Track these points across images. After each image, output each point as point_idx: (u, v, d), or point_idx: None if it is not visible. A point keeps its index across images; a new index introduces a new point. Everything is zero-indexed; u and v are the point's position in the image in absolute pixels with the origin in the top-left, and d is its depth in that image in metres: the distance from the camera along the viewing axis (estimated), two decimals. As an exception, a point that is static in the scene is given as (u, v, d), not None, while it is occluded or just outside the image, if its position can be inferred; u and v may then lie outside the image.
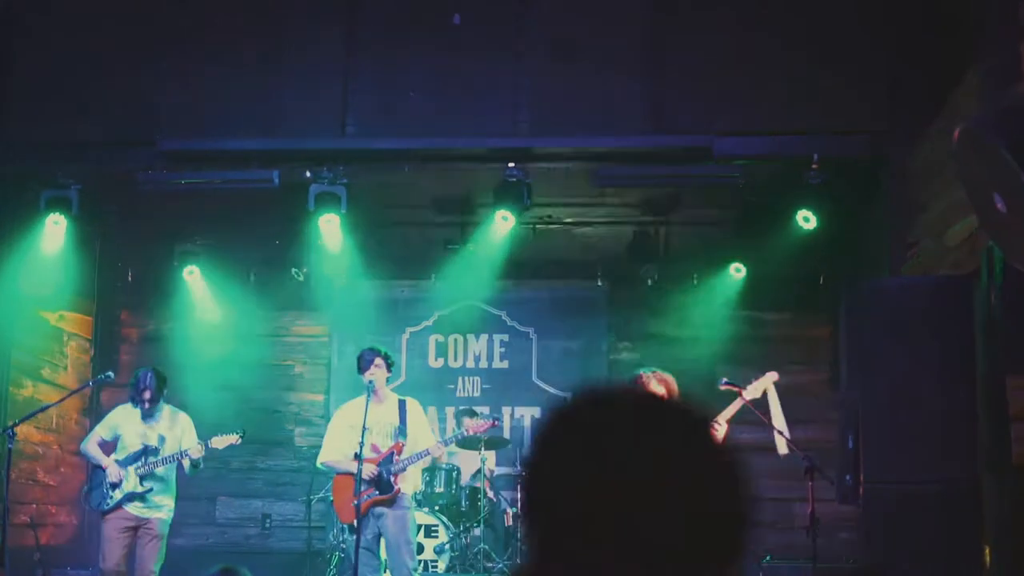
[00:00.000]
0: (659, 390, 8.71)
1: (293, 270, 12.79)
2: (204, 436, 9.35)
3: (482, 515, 10.95)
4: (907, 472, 6.69)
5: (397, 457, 8.58)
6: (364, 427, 8.41)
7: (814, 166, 10.07)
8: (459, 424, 11.83)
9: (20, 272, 10.76)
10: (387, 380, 8.89)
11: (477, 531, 11.02)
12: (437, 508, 10.83)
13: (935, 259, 8.92)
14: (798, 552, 11.44)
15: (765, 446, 12.25)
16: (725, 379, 8.82)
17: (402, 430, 8.69)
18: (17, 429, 10.92)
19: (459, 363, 13.09)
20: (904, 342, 6.61)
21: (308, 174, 10.51)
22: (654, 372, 8.87)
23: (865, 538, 6.88)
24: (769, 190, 10.63)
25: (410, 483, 8.77)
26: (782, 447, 8.89)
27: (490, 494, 11.30)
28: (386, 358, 8.82)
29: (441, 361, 13.10)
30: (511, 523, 11.25)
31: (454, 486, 11.03)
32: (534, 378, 12.99)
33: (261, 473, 13.24)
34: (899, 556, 6.85)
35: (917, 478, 6.64)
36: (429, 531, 10.58)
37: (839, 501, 7.68)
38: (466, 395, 12.88)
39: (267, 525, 13.00)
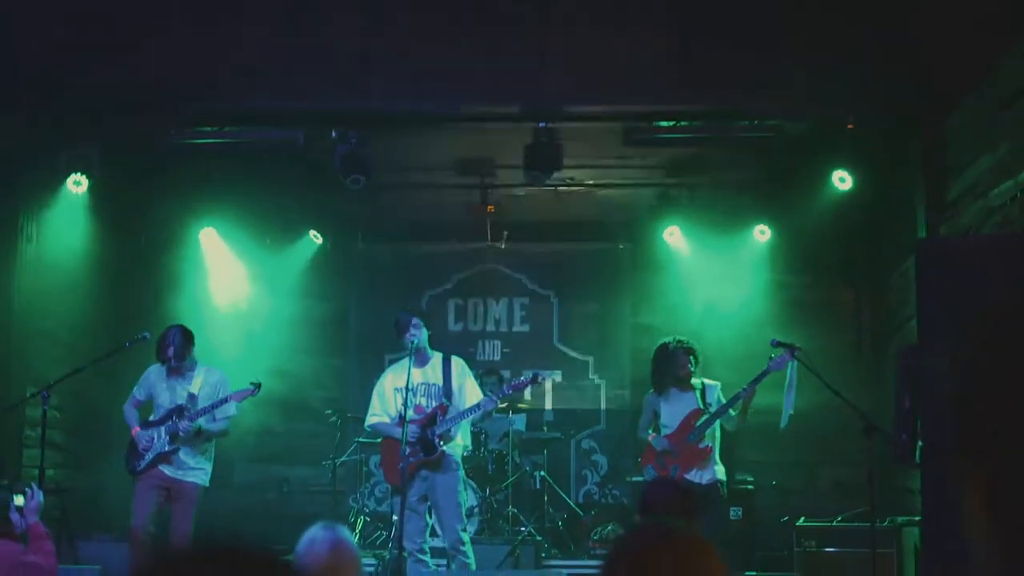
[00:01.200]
0: (688, 365, 8.67)
1: (311, 233, 12.64)
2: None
3: (510, 479, 10.86)
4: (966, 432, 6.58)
5: (441, 418, 8.44)
6: (408, 389, 8.27)
7: (849, 126, 9.96)
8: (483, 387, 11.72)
9: (40, 234, 10.58)
10: (427, 339, 8.72)
11: (504, 494, 10.93)
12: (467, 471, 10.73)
13: (978, 219, 8.82)
14: (823, 515, 11.41)
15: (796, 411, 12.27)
16: (776, 339, 8.72)
17: (446, 390, 8.55)
18: (33, 392, 10.86)
19: (479, 327, 12.97)
20: (974, 301, 6.49)
21: (334, 134, 10.35)
22: (685, 344, 8.81)
23: (924, 500, 6.78)
24: (801, 151, 10.51)
25: (457, 443, 8.64)
26: (784, 419, 8.86)
27: (516, 458, 11.19)
28: (422, 316, 8.69)
29: (461, 325, 12.98)
30: (538, 486, 11.16)
31: (481, 450, 10.92)
32: (555, 342, 12.88)
33: (279, 437, 13.11)
34: (954, 517, 6.76)
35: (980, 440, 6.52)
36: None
37: (893, 461, 7.59)
38: (486, 359, 12.74)
39: (285, 489, 12.88)
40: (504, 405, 10.61)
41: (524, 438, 11.70)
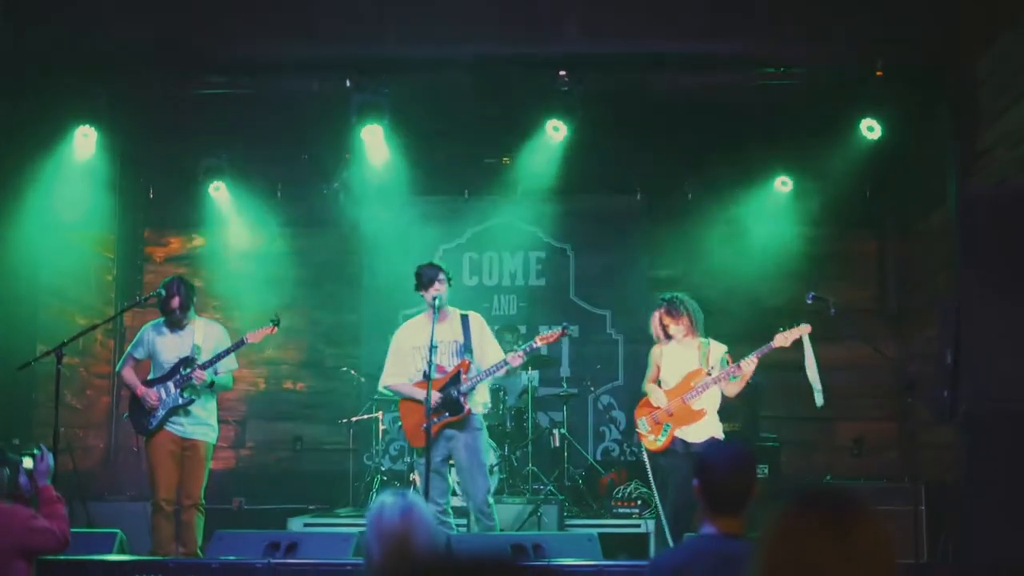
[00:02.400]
0: (671, 324, 8.40)
1: (323, 186, 12.38)
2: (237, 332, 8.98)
3: (529, 436, 10.66)
4: (1013, 389, 6.39)
5: (464, 376, 8.19)
6: (432, 346, 8.02)
7: (878, 73, 9.70)
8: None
9: (47, 186, 10.33)
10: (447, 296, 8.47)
11: (522, 452, 10.74)
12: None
13: (1013, 168, 8.57)
14: (841, 471, 11.25)
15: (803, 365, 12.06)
16: (813, 293, 8.48)
17: (467, 347, 8.30)
18: (41, 350, 10.64)
19: (494, 281, 12.73)
20: (1019, 253, 6.28)
21: (348, 83, 10.10)
22: (666, 302, 8.51)
23: (964, 457, 6.57)
24: (827, 99, 10.25)
25: (479, 401, 8.40)
26: (819, 398, 8.63)
27: (535, 415, 10.99)
28: (447, 273, 8.43)
29: (476, 279, 12.73)
30: (558, 444, 10.96)
31: (500, 407, 10.72)
32: (572, 296, 12.65)
33: (291, 395, 12.92)
34: (998, 476, 6.57)
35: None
36: (482, 454, 10.29)
37: (935, 418, 7.38)
38: (502, 314, 12.51)
39: (298, 448, 12.70)
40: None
41: (542, 395, 11.49)
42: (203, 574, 6.49)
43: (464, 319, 8.44)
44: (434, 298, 8.20)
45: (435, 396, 8.05)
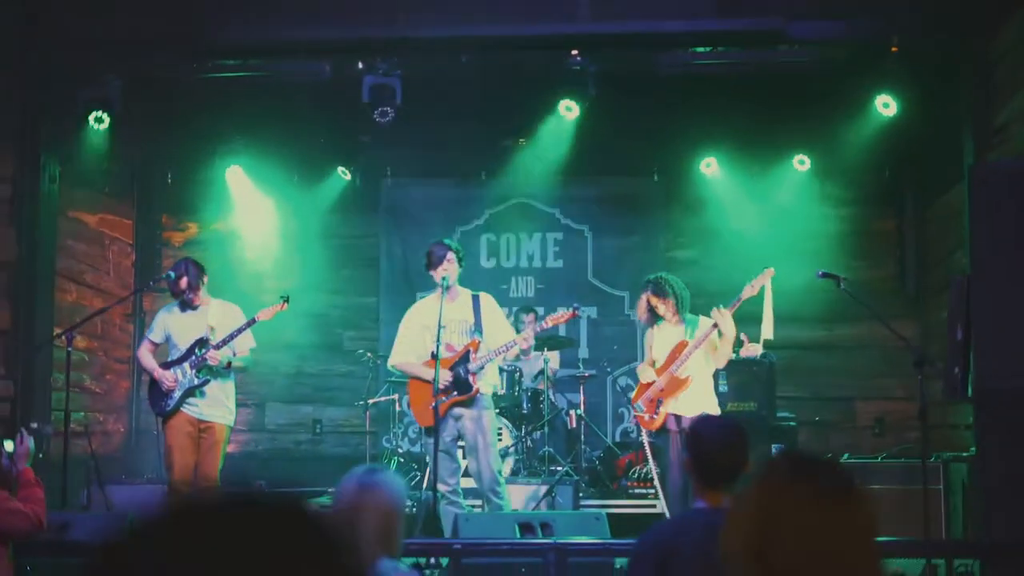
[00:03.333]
0: (659, 305, 8.34)
1: (339, 169, 12.39)
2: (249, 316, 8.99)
3: (545, 417, 10.64)
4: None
5: (474, 355, 8.17)
6: (440, 326, 8.01)
7: (893, 49, 9.60)
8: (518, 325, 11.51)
9: (62, 173, 10.37)
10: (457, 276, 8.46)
11: (540, 433, 10.72)
12: (499, 411, 10.52)
13: (1029, 144, 8.48)
14: (861, 450, 11.17)
15: (823, 344, 12.03)
16: (822, 270, 8.42)
17: (477, 327, 8.29)
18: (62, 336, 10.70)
19: (512, 263, 12.71)
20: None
21: (360, 65, 10.08)
22: (652, 283, 8.45)
23: (978, 436, 6.52)
24: (842, 77, 10.16)
25: (488, 382, 8.39)
26: (758, 348, 8.60)
27: (551, 396, 10.97)
28: (457, 253, 8.41)
29: (493, 261, 12.72)
30: (575, 425, 10.94)
31: (516, 388, 10.71)
32: (590, 277, 12.62)
33: (310, 378, 12.95)
34: (1010, 453, 6.52)
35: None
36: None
37: (946, 396, 7.32)
38: (519, 296, 12.50)
39: (318, 431, 12.74)
40: (535, 342, 10.46)
41: (559, 376, 11.47)
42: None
43: (475, 299, 8.43)
44: (442, 278, 8.19)
45: (444, 375, 8.05)
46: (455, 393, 8.12)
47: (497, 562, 6.65)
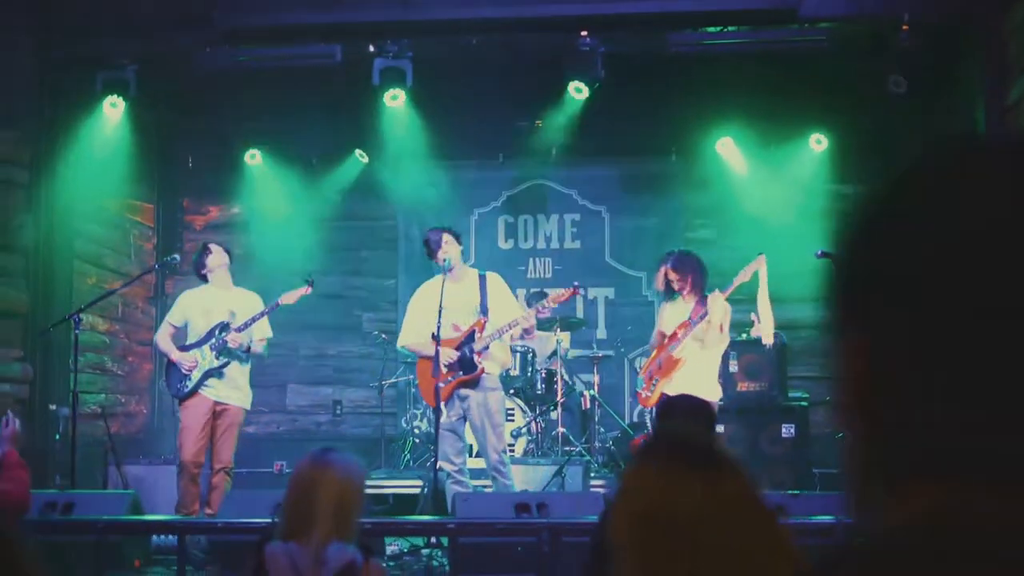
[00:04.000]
0: (676, 280, 8.30)
1: (357, 152, 12.44)
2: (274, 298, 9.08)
3: (557, 398, 10.66)
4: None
5: (479, 335, 8.20)
6: (440, 308, 8.05)
7: (904, 27, 9.53)
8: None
9: (79, 158, 10.48)
10: (461, 256, 8.50)
11: (554, 414, 10.74)
12: (513, 392, 10.57)
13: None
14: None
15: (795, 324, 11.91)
16: (822, 250, 8.35)
17: (483, 306, 8.32)
18: (84, 319, 10.80)
19: (529, 244, 12.72)
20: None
21: (372, 48, 10.12)
22: (674, 256, 8.42)
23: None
24: (854, 56, 10.09)
25: (497, 362, 8.42)
26: (767, 336, 8.55)
27: (564, 376, 10.98)
28: (453, 233, 8.45)
29: (511, 243, 12.73)
30: (588, 406, 10.96)
31: (529, 369, 10.73)
32: (607, 258, 12.61)
33: (330, 360, 13.03)
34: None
35: None
36: (506, 415, 10.29)
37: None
38: (537, 277, 12.51)
39: (338, 412, 12.81)
40: (542, 321, 10.51)
41: (574, 357, 11.48)
42: (208, 533, 6.58)
43: (482, 279, 8.47)
44: (445, 260, 8.23)
45: (450, 355, 8.09)
46: (460, 373, 8.16)
47: (494, 541, 6.70)
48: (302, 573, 3.81)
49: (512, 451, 10.24)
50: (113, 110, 10.38)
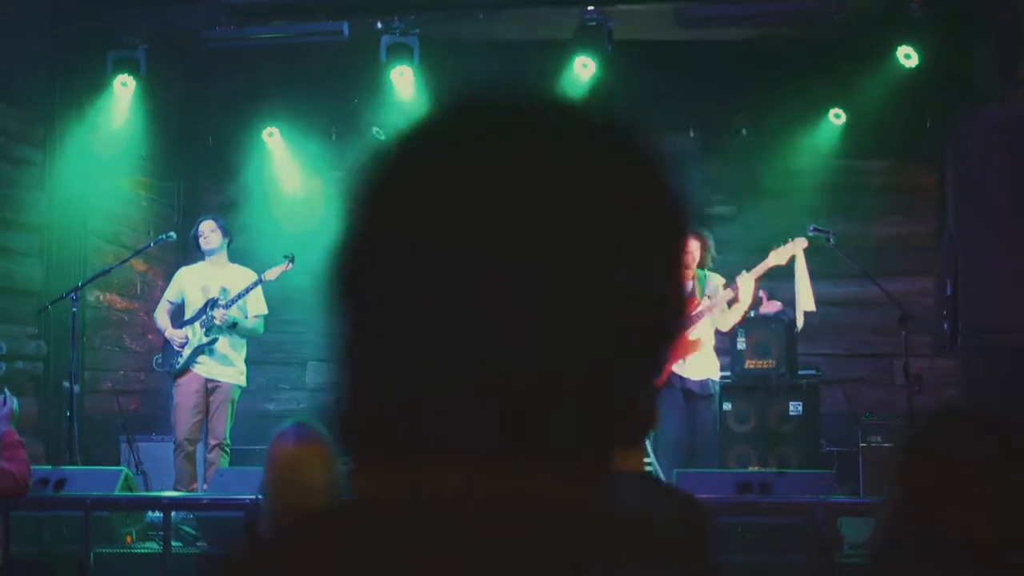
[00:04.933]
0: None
1: (373, 129, 12.42)
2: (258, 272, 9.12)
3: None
4: (1011, 320, 6.19)
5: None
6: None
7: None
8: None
9: (91, 137, 10.57)
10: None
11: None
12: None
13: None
14: (898, 409, 11.01)
15: (858, 300, 11.83)
16: (814, 225, 8.28)
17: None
18: (102, 296, 10.93)
19: (547, 220, 12.64)
20: (1017, 177, 6.05)
21: (379, 25, 10.11)
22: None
23: (966, 392, 6.39)
24: (867, 26, 9.96)
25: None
26: (806, 304, 8.44)
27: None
28: None
29: (529, 218, 12.67)
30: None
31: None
32: (626, 235, 12.50)
33: (349, 337, 13.05)
34: (999, 406, 6.38)
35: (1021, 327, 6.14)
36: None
37: (935, 352, 7.20)
38: (556, 253, 12.44)
39: (357, 389, 12.84)
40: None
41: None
42: (193, 509, 6.64)
43: None
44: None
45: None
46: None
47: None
48: None
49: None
50: (124, 89, 10.44)
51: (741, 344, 9.68)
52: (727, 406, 9.57)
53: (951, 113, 11.35)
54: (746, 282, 8.05)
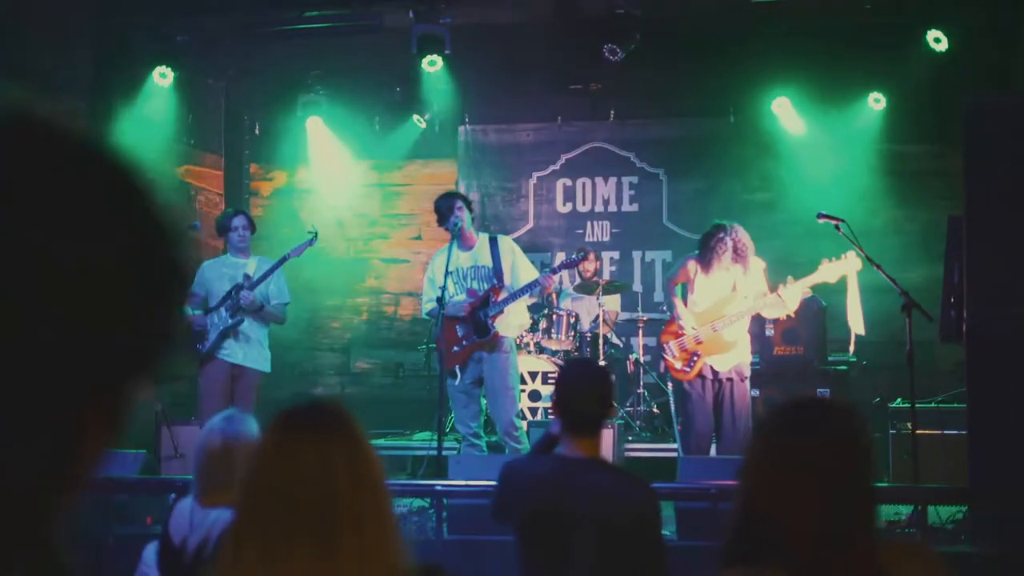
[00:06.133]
0: (735, 245, 8.13)
1: (415, 116, 12.56)
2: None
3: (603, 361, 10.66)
4: (1015, 307, 6.16)
5: (494, 299, 8.29)
6: (447, 273, 8.17)
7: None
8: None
9: (135, 127, 10.79)
10: (470, 222, 8.57)
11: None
12: (558, 353, 10.64)
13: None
14: (936, 395, 10.91)
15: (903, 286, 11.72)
16: (822, 212, 8.19)
17: (497, 270, 8.39)
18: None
19: (587, 207, 12.70)
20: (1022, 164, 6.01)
21: (411, 15, 10.21)
22: (733, 227, 8.21)
23: (968, 376, 6.36)
24: (898, 11, 9.90)
25: (513, 325, 8.49)
26: (856, 326, 8.35)
27: (615, 340, 10.97)
28: (463, 199, 8.55)
29: (569, 206, 12.73)
30: (632, 370, 10.94)
31: (572, 332, 10.75)
32: (665, 221, 12.52)
33: (393, 323, 13.22)
34: (1003, 394, 6.35)
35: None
36: (546, 378, 10.34)
37: (941, 338, 7.15)
38: (595, 240, 12.50)
39: (400, 374, 12.99)
40: (587, 284, 10.73)
41: (623, 319, 11.46)
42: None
43: (492, 243, 8.53)
44: (453, 225, 8.30)
45: (462, 312, 8.21)
46: (475, 338, 8.25)
47: (485, 504, 6.76)
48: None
49: (550, 415, 10.28)
50: (163, 80, 10.67)
51: (770, 331, 9.66)
52: (755, 392, 9.54)
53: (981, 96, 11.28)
54: (792, 293, 7.97)
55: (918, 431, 9.17)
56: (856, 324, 8.30)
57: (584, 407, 4.05)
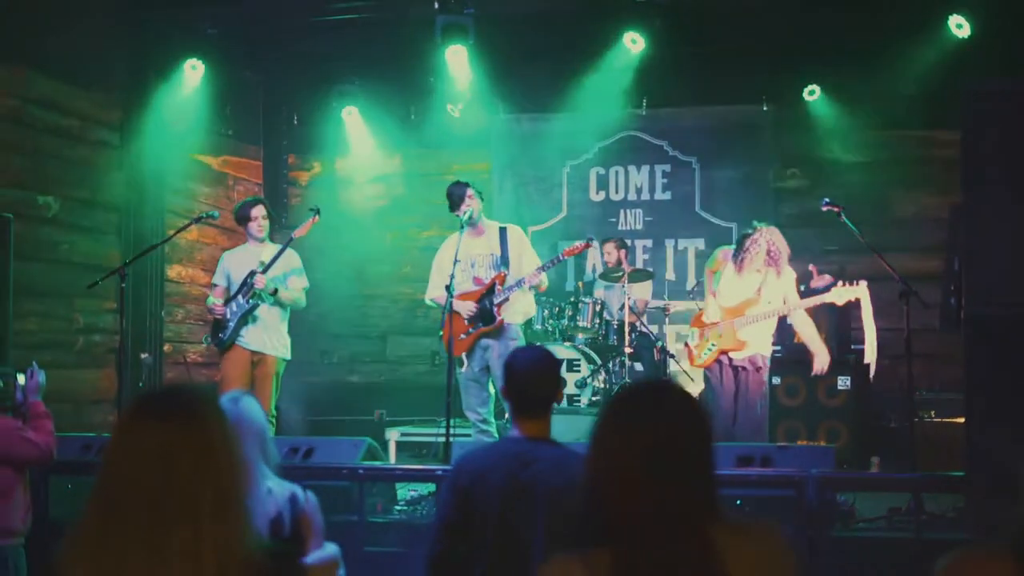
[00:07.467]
0: (768, 248, 8.18)
1: (448, 106, 12.63)
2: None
3: (627, 349, 10.68)
4: (1015, 296, 6.10)
5: (499, 287, 8.37)
6: (455, 260, 8.24)
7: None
8: (601, 255, 11.63)
9: (167, 118, 10.97)
10: (482, 211, 8.65)
11: (624, 367, 10.76)
12: (584, 341, 10.69)
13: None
14: (941, 384, 10.83)
15: (920, 274, 11.62)
16: (827, 200, 8.16)
17: (504, 259, 8.47)
18: (183, 272, 11.40)
19: (620, 196, 12.71)
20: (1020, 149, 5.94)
21: (436, 5, 10.28)
22: (769, 229, 8.27)
23: (967, 368, 6.32)
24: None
25: (519, 312, 8.57)
26: (870, 354, 8.38)
27: (643, 328, 10.98)
28: (474, 187, 8.63)
29: (602, 194, 12.76)
30: (659, 357, 10.95)
31: (598, 320, 10.79)
32: (698, 209, 12.51)
33: (428, 311, 13.27)
34: (1003, 387, 6.29)
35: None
36: (571, 365, 10.40)
37: (941, 328, 7.10)
38: (628, 228, 12.53)
39: (436, 362, 13.08)
40: (611, 272, 10.84)
41: (649, 308, 11.47)
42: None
43: (502, 232, 8.61)
44: (467, 214, 8.39)
45: (470, 307, 8.30)
46: (480, 324, 8.35)
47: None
48: None
49: (578, 401, 10.35)
50: (194, 73, 10.85)
51: (789, 320, 9.61)
52: (776, 380, 9.55)
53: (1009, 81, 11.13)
54: (799, 316, 8.20)
55: (937, 419, 9.16)
56: (868, 351, 8.37)
57: (531, 390, 4.15)
